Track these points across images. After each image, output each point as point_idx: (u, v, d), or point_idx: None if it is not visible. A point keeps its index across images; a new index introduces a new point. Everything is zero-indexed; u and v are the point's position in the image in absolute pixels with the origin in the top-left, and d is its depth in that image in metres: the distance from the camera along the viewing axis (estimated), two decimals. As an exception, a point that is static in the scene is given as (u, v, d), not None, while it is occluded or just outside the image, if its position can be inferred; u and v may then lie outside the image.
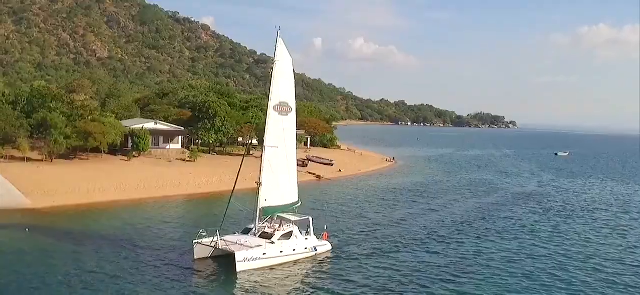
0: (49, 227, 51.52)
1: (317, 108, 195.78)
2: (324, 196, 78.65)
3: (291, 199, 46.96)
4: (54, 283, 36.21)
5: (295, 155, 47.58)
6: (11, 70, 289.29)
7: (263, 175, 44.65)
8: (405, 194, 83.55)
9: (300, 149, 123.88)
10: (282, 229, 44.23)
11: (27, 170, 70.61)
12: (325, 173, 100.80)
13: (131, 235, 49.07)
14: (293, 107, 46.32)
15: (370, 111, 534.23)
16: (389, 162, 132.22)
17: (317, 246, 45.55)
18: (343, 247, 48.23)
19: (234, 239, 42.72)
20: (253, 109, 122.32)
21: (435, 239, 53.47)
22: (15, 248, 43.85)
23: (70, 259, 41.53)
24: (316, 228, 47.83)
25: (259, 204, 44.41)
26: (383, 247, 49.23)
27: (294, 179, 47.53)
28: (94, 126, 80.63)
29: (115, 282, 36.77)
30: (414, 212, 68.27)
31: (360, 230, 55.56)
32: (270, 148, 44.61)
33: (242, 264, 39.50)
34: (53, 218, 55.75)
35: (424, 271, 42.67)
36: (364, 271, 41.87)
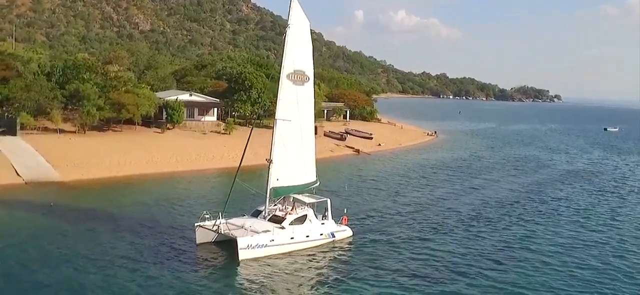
0: (73, 202, 49.29)
1: (357, 81, 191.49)
2: (359, 172, 75.02)
3: (307, 178, 41.97)
4: (61, 263, 33.75)
5: (312, 130, 42.60)
6: (57, 44, 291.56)
7: (274, 152, 39.75)
8: (445, 170, 79.22)
9: (339, 122, 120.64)
10: (294, 212, 39.55)
11: (59, 142, 68.90)
12: (364, 147, 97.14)
13: (153, 212, 46.38)
14: (310, 75, 41.30)
15: (411, 84, 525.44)
16: (430, 136, 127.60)
17: (335, 232, 40.85)
18: (367, 232, 43.43)
19: (240, 222, 38.22)
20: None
21: (476, 221, 49.03)
22: (33, 224, 41.60)
23: (85, 237, 38.85)
24: (336, 211, 43.12)
25: (269, 183, 39.72)
26: (415, 231, 44.59)
27: (311, 156, 42.39)
28: (127, 97, 78.44)
29: (113, 265, 33.59)
30: (453, 190, 63.79)
31: (392, 212, 50.79)
32: (281, 121, 39.50)
33: (245, 252, 35.10)
34: (79, 192, 53.62)
35: (461, 259, 38.04)
36: (388, 261, 37.03)
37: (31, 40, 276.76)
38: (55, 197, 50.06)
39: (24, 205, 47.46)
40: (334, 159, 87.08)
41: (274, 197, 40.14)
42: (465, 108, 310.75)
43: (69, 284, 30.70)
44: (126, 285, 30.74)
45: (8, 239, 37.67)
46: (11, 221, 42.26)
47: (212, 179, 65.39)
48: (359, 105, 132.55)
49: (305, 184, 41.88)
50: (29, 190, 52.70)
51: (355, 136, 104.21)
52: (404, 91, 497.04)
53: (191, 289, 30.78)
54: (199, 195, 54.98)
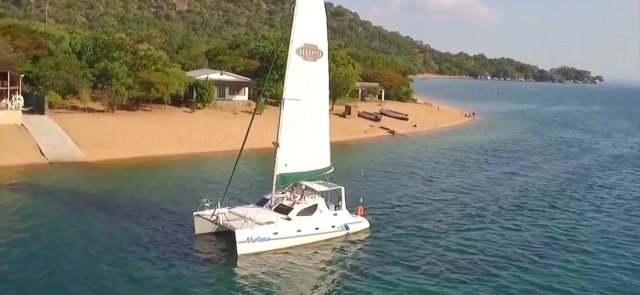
0: (94, 183, 47.51)
1: (393, 61, 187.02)
2: (391, 154, 71.76)
3: (319, 164, 37.79)
4: (65, 248, 31.77)
5: (326, 111, 38.32)
6: (96, 24, 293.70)
7: (281, 135, 35.75)
8: (482, 154, 75.35)
9: (374, 102, 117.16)
10: (303, 202, 35.54)
11: (87, 121, 67.37)
12: (399, 128, 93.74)
13: (173, 195, 44.15)
14: (324, 50, 37.08)
15: (448, 64, 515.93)
16: (467, 117, 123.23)
17: (349, 224, 36.93)
18: (388, 224, 39.25)
19: (243, 212, 34.61)
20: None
21: (515, 210, 45.13)
22: (48, 207, 39.76)
23: (97, 221, 36.69)
24: (355, 200, 39.19)
25: (276, 169, 35.84)
26: (445, 223, 40.43)
27: (325, 139, 38.32)
28: (157, 76, 76.45)
29: (107, 253, 31.04)
30: (491, 176, 59.81)
31: (420, 201, 46.64)
32: (289, 101, 35.47)
33: (244, 246, 31.53)
34: (103, 173, 51.84)
35: (498, 254, 34.03)
36: (409, 257, 33.03)
37: (71, 22, 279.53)
38: (77, 178, 48.32)
39: (44, 186, 45.82)
40: (367, 140, 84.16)
41: (281, 184, 36.17)
42: (503, 89, 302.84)
43: (64, 271, 28.77)
44: (102, 280, 27.91)
45: (19, 221, 35.94)
46: (26, 203, 40.52)
47: (240, 160, 62.92)
48: (395, 85, 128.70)
49: (317, 170, 37.72)
50: (52, 171, 51.15)
51: (390, 117, 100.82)
52: (441, 72, 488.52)
53: (180, 285, 27.74)
54: (224, 177, 52.51)
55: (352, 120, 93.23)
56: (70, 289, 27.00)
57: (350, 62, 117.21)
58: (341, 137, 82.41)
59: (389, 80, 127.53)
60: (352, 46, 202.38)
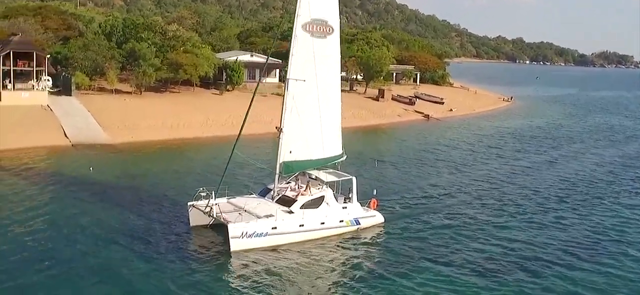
0: (114, 167, 45.69)
1: (429, 44, 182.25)
2: (424, 139, 68.57)
3: (328, 151, 34.20)
4: (74, 237, 29.79)
5: (338, 94, 34.69)
6: (133, 7, 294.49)
7: (285, 119, 32.16)
8: (521, 140, 71.48)
9: (409, 85, 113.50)
10: (308, 193, 31.99)
11: (113, 102, 65.87)
12: (434, 112, 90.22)
13: (191, 181, 41.16)
14: (335, 27, 33.23)
15: (485, 48, 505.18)
16: (505, 101, 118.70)
17: (360, 218, 33.21)
18: (406, 218, 35.37)
19: (242, 203, 31.35)
20: (358, 42, 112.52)
21: (555, 203, 40.94)
22: (63, 191, 37.99)
23: (108, 208, 34.51)
24: (363, 191, 34.98)
25: (279, 156, 32.42)
26: (473, 217, 36.21)
27: (334, 124, 34.51)
28: (186, 57, 74.41)
29: (100, 250, 28.17)
30: (529, 164, 55.78)
31: (447, 192, 42.50)
32: (294, 82, 31.87)
33: (238, 242, 28.43)
34: (125, 156, 50.05)
35: (535, 255, 30.09)
36: (428, 256, 29.30)
37: (109, 5, 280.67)
38: (98, 161, 46.51)
39: (63, 169, 44.21)
40: (400, 124, 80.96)
41: (285, 173, 32.72)
42: (542, 73, 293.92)
43: (65, 259, 26.77)
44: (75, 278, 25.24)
45: (31, 205, 34.29)
46: (42, 186, 38.94)
47: (268, 142, 60.52)
48: (430, 68, 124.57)
49: (326, 158, 34.21)
50: (74, 153, 49.61)
51: (425, 100, 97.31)
52: (478, 56, 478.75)
53: (160, 285, 24.90)
54: (247, 162, 50.23)
55: (386, 104, 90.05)
56: (64, 278, 25.08)
57: (385, 45, 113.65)
58: (373, 121, 79.59)
59: (425, 63, 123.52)
60: (387, 29, 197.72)
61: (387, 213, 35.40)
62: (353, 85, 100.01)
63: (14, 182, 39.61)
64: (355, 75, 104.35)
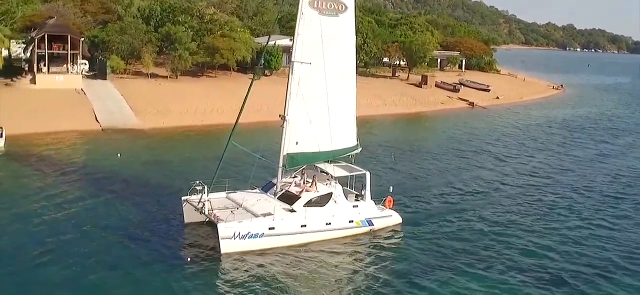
0: (142, 153, 44.05)
1: (476, 30, 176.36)
2: (466, 128, 64.91)
3: (340, 142, 30.49)
4: (84, 227, 27.90)
5: (352, 79, 30.81)
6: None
7: (289, 106, 28.68)
8: (570, 130, 67.12)
9: (454, 72, 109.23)
10: (314, 189, 28.49)
11: (148, 87, 64.43)
12: (480, 99, 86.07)
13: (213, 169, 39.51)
14: (349, 4, 29.70)
15: (535, 35, 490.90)
16: (555, 89, 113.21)
17: (373, 218, 29.58)
18: (429, 217, 31.60)
19: (240, 198, 28.14)
20: (402, 27, 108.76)
21: (605, 205, 36.40)
22: (84, 180, 36.34)
23: (126, 198, 32.51)
24: (379, 188, 31.44)
25: (283, 148, 28.93)
26: (507, 219, 32.06)
27: (348, 113, 30.75)
28: (222, 42, 72.37)
29: (105, 249, 25.62)
30: (578, 157, 51.62)
31: (479, 189, 38.35)
32: (299, 65, 28.31)
33: (229, 243, 25.27)
34: (154, 141, 48.36)
35: (579, 263, 26.64)
36: (454, 265, 25.58)
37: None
38: (125, 146, 44.81)
39: (89, 154, 42.97)
40: (443, 112, 77.35)
41: (289, 167, 29.18)
42: (594, 61, 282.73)
43: (68, 252, 24.80)
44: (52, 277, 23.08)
45: (49, 193, 32.62)
46: (65, 172, 37.40)
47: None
48: (477, 54, 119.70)
49: (336, 151, 30.35)
50: (103, 138, 48.20)
51: (470, 87, 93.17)
52: (527, 43, 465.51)
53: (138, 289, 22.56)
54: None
55: (429, 91, 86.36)
56: (54, 268, 23.51)
57: (429, 30, 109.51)
58: (415, 108, 76.27)
59: (471, 49, 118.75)
60: (432, 13, 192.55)
61: (407, 213, 31.73)
62: (395, 72, 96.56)
63: (37, 167, 38.31)
64: (398, 61, 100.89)
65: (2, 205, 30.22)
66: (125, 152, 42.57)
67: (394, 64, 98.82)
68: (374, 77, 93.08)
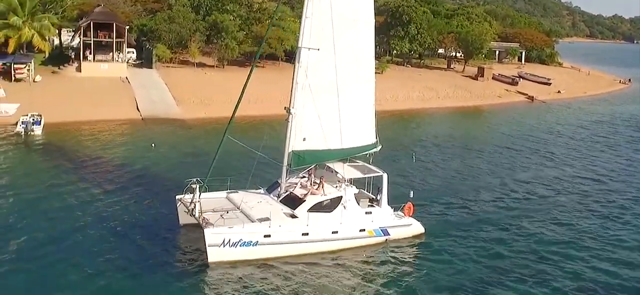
0: (177, 143, 42.37)
1: (537, 21, 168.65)
2: (521, 124, 60.52)
3: (355, 139, 26.81)
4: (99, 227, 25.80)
5: (369, 68, 27.08)
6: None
7: (296, 98, 25.18)
8: (637, 129, 61.53)
9: (512, 64, 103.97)
10: (321, 192, 24.85)
11: (193, 76, 63.00)
12: (540, 93, 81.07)
13: (249, 163, 36.96)
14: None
15: (600, 28, 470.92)
16: (622, 84, 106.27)
17: (389, 227, 25.76)
18: (459, 227, 27.62)
19: (239, 199, 24.96)
20: (458, 17, 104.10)
21: None
22: (110, 170, 34.73)
23: (143, 192, 30.55)
24: (397, 192, 27.45)
25: (288, 144, 25.53)
26: (556, 231, 27.79)
27: (365, 107, 27.06)
28: (271, 31, 70.02)
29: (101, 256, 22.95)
30: None
31: (529, 191, 34.45)
32: (306, 51, 24.81)
33: (217, 251, 22.08)
34: (193, 132, 46.61)
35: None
36: (483, 289, 21.78)
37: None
38: (163, 137, 43.20)
39: (124, 145, 41.52)
40: (500, 105, 72.96)
41: (295, 166, 25.72)
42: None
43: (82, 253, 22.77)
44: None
45: (73, 186, 31.00)
46: (95, 162, 36.06)
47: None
48: (537, 46, 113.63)
49: (350, 149, 26.70)
50: (141, 128, 46.76)
51: (529, 81, 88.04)
52: (592, 35, 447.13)
53: None
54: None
55: (485, 83, 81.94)
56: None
57: (487, 20, 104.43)
58: (470, 102, 72.22)
59: (531, 40, 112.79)
60: (490, 3, 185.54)
61: (432, 221, 27.80)
62: (451, 63, 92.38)
63: (68, 156, 37.07)
64: (454, 53, 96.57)
65: (22, 194, 29.07)
66: (161, 143, 40.95)
67: (449, 56, 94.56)
68: (428, 68, 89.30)
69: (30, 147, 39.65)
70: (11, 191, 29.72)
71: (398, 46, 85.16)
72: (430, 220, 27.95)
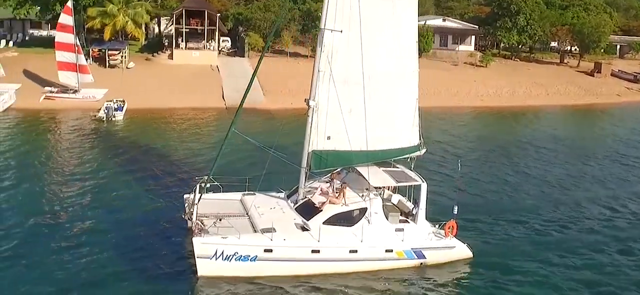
0: (253, 136, 39.21)
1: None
2: (633, 129, 51.95)
3: (392, 140, 22.07)
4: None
5: (410, 55, 21.95)
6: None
7: (317, 88, 20.72)
8: None
9: (636, 60, 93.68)
10: (340, 201, 20.13)
11: (285, 66, 60.68)
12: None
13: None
14: None
15: None
16: None
17: (424, 248, 20.67)
18: (516, 255, 21.78)
19: (253, 203, 20.99)
20: (574, 8, 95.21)
21: None
22: (167, 160, 32.61)
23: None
24: (438, 206, 22.75)
25: (307, 142, 21.05)
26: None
27: (405, 102, 22.10)
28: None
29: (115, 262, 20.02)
30: None
31: (620, 212, 27.49)
32: (329, 33, 20.21)
33: (208, 264, 18.49)
34: (274, 123, 43.78)
35: None
36: None
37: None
38: (243, 127, 40.36)
39: (200, 133, 40.11)
40: (618, 105, 64.99)
41: (316, 169, 21.32)
42: None
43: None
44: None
45: (130, 175, 29.06)
46: (156, 155, 33.80)
47: (447, 117, 50.50)
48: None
49: (384, 152, 21.86)
50: (224, 117, 44.78)
51: (655, 78, 78.38)
52: None
53: None
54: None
55: (602, 80, 73.66)
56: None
57: (606, 11, 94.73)
58: (583, 100, 64.87)
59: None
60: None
61: (484, 243, 22.45)
62: (564, 58, 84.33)
63: (139, 143, 35.73)
64: (569, 47, 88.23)
65: (83, 180, 27.84)
66: (238, 134, 38.43)
67: (562, 50, 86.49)
68: (539, 63, 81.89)
69: (108, 132, 38.75)
70: (71, 176, 28.52)
71: (505, 38, 78.57)
72: (482, 241, 22.57)
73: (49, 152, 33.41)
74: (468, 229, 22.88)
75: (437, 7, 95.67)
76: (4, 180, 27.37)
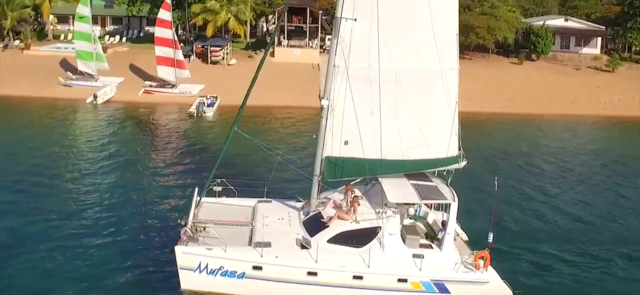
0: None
1: None
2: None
3: (424, 150, 18.75)
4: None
5: (449, 50, 18.10)
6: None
7: (331, 85, 17.92)
8: None
9: None
10: (350, 217, 17.26)
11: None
12: None
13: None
14: None
15: None
16: None
17: (447, 280, 17.05)
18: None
19: (261, 212, 18.83)
20: None
21: None
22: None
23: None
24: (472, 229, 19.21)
25: (321, 147, 18.33)
26: None
27: (440, 106, 18.50)
28: (479, 20, 62.14)
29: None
30: None
31: None
32: (344, 22, 17.34)
33: (190, 277, 16.59)
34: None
35: None
36: None
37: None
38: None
39: (284, 132, 39.07)
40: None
41: (330, 178, 18.57)
42: None
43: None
44: None
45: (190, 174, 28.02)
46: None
47: (548, 128, 45.46)
48: None
49: (414, 162, 18.66)
50: (313, 117, 42.72)
51: None
52: None
53: None
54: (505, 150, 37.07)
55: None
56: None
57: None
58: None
59: None
60: None
61: (528, 278, 18.83)
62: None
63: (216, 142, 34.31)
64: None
65: (147, 175, 27.93)
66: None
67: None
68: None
69: (194, 128, 38.63)
70: (140, 170, 28.66)
71: (637, 40, 70.44)
72: (526, 276, 18.91)
73: (127, 144, 33.63)
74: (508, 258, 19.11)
75: (562, 6, 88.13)
76: (87, 169, 28.06)
